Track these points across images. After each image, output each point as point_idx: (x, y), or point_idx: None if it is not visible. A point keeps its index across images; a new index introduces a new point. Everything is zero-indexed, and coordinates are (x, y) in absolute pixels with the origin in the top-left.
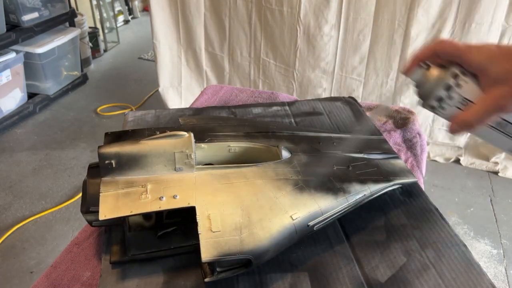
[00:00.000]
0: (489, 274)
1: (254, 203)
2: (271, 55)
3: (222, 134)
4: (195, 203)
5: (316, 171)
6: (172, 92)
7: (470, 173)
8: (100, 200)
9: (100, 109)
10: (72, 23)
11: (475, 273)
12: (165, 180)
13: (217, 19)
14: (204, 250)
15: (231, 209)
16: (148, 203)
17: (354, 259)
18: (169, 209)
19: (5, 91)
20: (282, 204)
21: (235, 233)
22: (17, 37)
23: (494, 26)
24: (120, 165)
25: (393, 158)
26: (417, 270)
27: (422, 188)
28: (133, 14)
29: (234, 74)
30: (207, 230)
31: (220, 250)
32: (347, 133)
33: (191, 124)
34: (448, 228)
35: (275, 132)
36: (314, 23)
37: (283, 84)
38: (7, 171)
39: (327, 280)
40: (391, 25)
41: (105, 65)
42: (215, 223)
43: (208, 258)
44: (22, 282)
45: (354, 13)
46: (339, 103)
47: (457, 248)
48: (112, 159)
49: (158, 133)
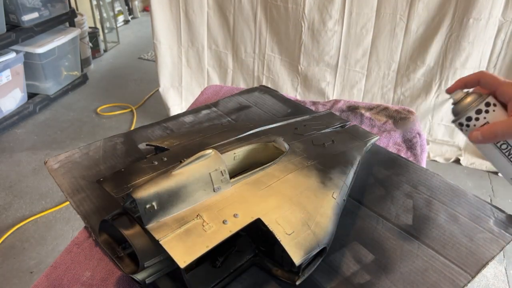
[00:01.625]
0: (489, 274)
1: (300, 196)
2: (277, 50)
3: (218, 144)
4: (257, 215)
5: (318, 152)
6: (172, 92)
7: (470, 173)
8: (166, 249)
9: (100, 109)
10: (72, 23)
11: (459, 191)
12: (212, 204)
13: (221, 17)
14: (293, 254)
15: (287, 208)
16: (217, 231)
17: (379, 216)
18: (240, 229)
19: (5, 91)
20: (319, 188)
21: (306, 228)
22: (17, 37)
23: (491, 21)
24: (162, 205)
25: (347, 124)
26: (425, 205)
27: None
28: (133, 14)
29: (237, 71)
30: (284, 235)
31: (304, 249)
32: (294, 117)
33: (177, 144)
34: (417, 167)
35: (258, 129)
36: (318, 18)
37: (288, 79)
38: (7, 171)
39: (375, 240)
40: (392, 19)
41: (105, 65)
42: (286, 226)
43: (299, 260)
44: (22, 282)
45: (357, 8)
46: (257, 92)
47: (436, 178)
48: (153, 201)
49: (165, 159)
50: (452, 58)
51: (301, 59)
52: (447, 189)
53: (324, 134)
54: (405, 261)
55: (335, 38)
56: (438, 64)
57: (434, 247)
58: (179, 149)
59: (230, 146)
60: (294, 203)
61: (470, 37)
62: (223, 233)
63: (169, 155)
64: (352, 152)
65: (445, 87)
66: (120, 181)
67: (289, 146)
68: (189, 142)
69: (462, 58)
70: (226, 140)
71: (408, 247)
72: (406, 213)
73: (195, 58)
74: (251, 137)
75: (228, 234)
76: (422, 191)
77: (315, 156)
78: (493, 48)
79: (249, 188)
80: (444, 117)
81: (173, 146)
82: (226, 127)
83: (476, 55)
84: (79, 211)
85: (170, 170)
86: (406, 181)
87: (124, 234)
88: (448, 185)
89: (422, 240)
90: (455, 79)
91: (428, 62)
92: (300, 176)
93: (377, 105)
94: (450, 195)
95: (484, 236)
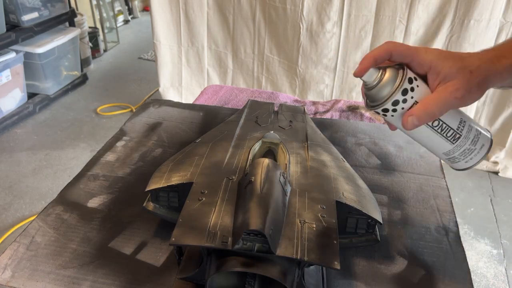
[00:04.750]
0: (489, 274)
1: (335, 169)
2: (275, 51)
3: (229, 156)
4: (336, 198)
5: (296, 134)
6: (172, 92)
7: (470, 173)
8: (310, 260)
9: (100, 109)
10: (72, 23)
11: (381, 126)
12: (295, 205)
13: (221, 17)
14: (374, 215)
15: (345, 185)
16: (331, 225)
17: (357, 167)
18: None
19: (5, 91)
20: (334, 160)
21: (361, 193)
22: (17, 37)
23: (492, 22)
24: (275, 226)
25: (273, 105)
26: (373, 145)
27: None
28: (133, 14)
29: (237, 71)
30: (358, 204)
31: (375, 207)
32: (236, 114)
33: (189, 173)
34: (338, 121)
35: (236, 132)
36: (316, 20)
37: (286, 80)
38: (7, 171)
39: (370, 185)
40: (392, 21)
41: (105, 65)
42: (353, 197)
43: (379, 217)
44: None
45: (356, 10)
46: (152, 107)
47: (360, 124)
48: (271, 226)
49: (205, 191)
50: None
51: (299, 61)
52: (375, 128)
53: (278, 119)
54: (398, 185)
55: (334, 40)
56: None
57: (406, 170)
58: (199, 178)
59: (240, 155)
60: (339, 177)
61: (471, 38)
62: (335, 228)
63: (200, 186)
64: (310, 124)
65: None
66: (195, 231)
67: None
68: (195, 170)
69: None
70: (229, 152)
71: (392, 178)
72: (369, 157)
73: (195, 58)
74: (240, 142)
75: (336, 226)
76: (362, 137)
77: (299, 137)
78: None
79: (307, 177)
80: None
81: (186, 177)
82: (205, 141)
83: None
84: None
85: (245, 193)
86: (346, 135)
87: (274, 277)
88: (374, 126)
89: (395, 169)
90: None
91: None
92: (314, 155)
93: None
94: (381, 132)
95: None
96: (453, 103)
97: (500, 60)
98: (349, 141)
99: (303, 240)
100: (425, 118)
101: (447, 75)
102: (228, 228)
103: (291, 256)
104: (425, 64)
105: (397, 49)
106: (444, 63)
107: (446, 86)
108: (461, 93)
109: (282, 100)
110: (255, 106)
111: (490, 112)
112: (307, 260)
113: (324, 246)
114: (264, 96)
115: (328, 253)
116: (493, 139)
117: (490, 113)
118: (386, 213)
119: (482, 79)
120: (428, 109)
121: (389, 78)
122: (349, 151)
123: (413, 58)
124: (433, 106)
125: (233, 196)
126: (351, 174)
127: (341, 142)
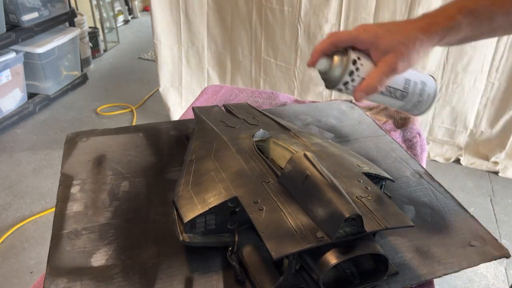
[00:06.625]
0: (489, 274)
1: (340, 150)
2: (272, 54)
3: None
4: (361, 170)
5: (276, 127)
6: (172, 92)
7: (470, 173)
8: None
9: (100, 109)
10: (72, 23)
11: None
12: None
13: (220, 18)
14: (389, 176)
15: (352, 158)
16: (381, 197)
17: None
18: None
19: (5, 91)
20: (333, 143)
21: (372, 164)
22: (17, 37)
23: None
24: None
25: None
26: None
27: None
28: (133, 14)
29: (236, 72)
30: (376, 170)
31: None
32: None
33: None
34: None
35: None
36: (314, 22)
37: (285, 82)
38: (7, 171)
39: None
40: None
41: (105, 65)
42: (369, 167)
43: (392, 178)
44: (22, 282)
45: (354, 12)
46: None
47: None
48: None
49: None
50: (453, 62)
51: (297, 63)
52: (310, 108)
53: (243, 118)
54: (362, 149)
55: None
56: (439, 68)
57: (356, 136)
58: (237, 191)
59: (252, 158)
60: (342, 153)
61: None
62: (383, 194)
63: (247, 197)
64: (272, 116)
65: (446, 91)
66: (286, 238)
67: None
68: (226, 185)
69: (463, 62)
70: (240, 159)
71: (352, 145)
72: (323, 134)
73: (195, 58)
74: (238, 146)
75: (382, 192)
76: (305, 118)
77: (278, 129)
78: (496, 52)
79: (322, 163)
80: (445, 120)
81: (223, 194)
82: (201, 156)
83: (478, 58)
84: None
85: (307, 188)
86: (292, 119)
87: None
88: (309, 106)
89: (348, 138)
90: (456, 83)
91: (428, 67)
92: (308, 140)
93: (377, 105)
94: (317, 110)
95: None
96: (392, 74)
97: (431, 27)
98: (297, 124)
99: (372, 212)
100: (370, 91)
101: (384, 49)
102: (310, 225)
103: (378, 228)
104: (365, 42)
105: (339, 38)
106: (381, 40)
107: (384, 60)
108: (397, 64)
109: (282, 100)
110: (205, 111)
111: (491, 114)
112: (390, 228)
113: (390, 211)
114: (264, 96)
115: (398, 216)
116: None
117: (491, 115)
118: None
119: (414, 48)
120: (370, 84)
121: (336, 64)
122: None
123: (354, 41)
124: (375, 80)
125: (286, 196)
126: (343, 149)
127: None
